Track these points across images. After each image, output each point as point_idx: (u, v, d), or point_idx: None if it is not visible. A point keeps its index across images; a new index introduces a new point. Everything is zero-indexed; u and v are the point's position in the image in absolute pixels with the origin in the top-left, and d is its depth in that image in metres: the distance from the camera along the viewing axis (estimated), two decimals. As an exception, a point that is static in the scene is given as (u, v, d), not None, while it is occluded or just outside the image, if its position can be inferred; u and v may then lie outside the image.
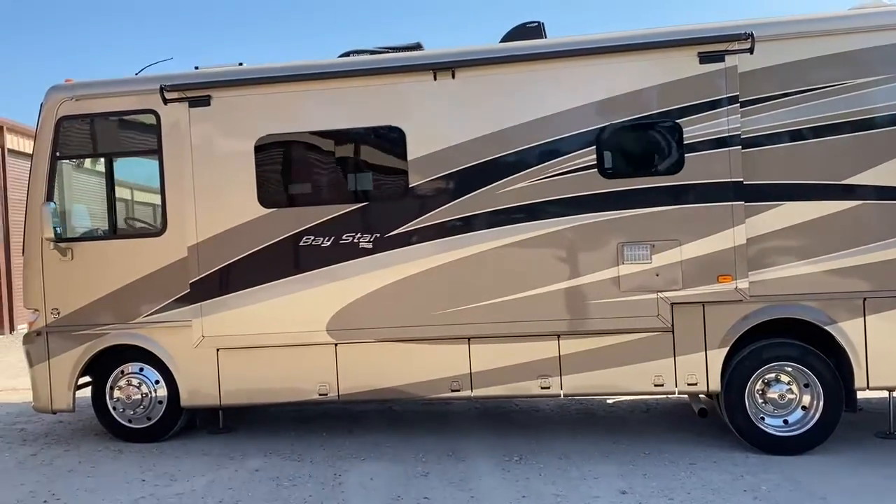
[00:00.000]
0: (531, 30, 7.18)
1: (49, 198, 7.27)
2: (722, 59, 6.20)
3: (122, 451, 7.23)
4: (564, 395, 6.88)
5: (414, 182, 6.67)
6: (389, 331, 6.78)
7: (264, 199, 6.86)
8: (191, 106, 6.86)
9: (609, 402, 8.61)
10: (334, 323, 6.80)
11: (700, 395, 7.25)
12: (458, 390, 6.88)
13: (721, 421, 6.97)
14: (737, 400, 6.51)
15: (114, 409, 7.50)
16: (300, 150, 7.01)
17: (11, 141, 19.49)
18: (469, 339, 6.79)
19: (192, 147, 6.88)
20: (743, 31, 6.13)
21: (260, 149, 6.86)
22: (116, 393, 7.46)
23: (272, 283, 6.82)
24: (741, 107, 6.24)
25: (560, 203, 6.47)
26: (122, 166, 7.57)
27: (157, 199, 7.29)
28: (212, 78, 6.94)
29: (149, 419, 7.48)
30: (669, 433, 7.24)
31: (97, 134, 7.49)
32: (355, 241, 6.72)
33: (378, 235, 6.70)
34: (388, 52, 7.36)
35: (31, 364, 7.52)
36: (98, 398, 7.54)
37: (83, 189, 7.74)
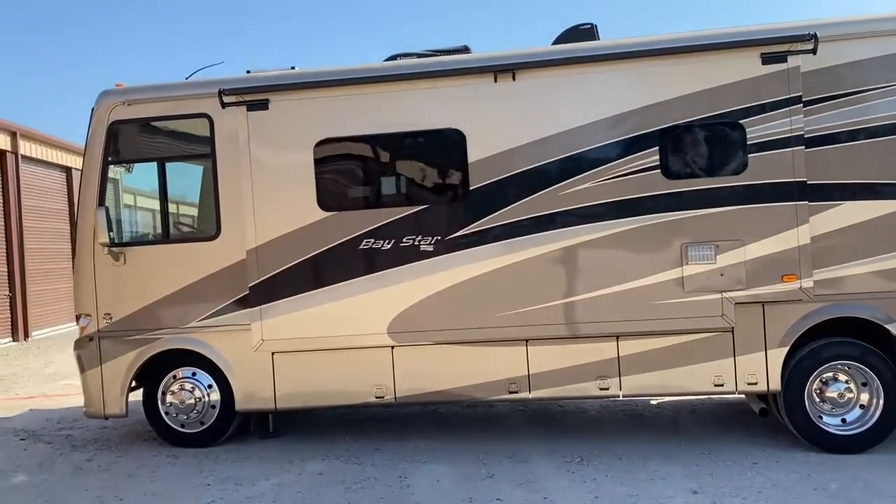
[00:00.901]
0: (584, 32, 7.19)
1: (101, 202, 7.26)
2: (784, 60, 6.23)
3: (177, 457, 7.20)
4: (623, 396, 6.89)
5: (475, 184, 6.66)
6: (450, 333, 6.77)
7: (324, 202, 6.85)
8: (249, 109, 6.84)
9: (653, 402, 8.62)
10: (395, 325, 6.79)
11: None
12: (515, 392, 6.88)
13: (773, 420, 7.00)
14: (796, 399, 6.53)
15: (166, 414, 7.48)
16: (360, 153, 6.99)
17: (25, 147, 19.37)
18: (527, 340, 6.80)
19: (250, 151, 6.87)
20: (806, 32, 6.16)
21: (319, 152, 6.85)
22: (169, 398, 7.44)
23: (332, 287, 6.81)
24: (804, 106, 6.27)
25: (623, 204, 6.47)
26: (175, 170, 7.56)
27: (210, 204, 7.28)
28: (271, 81, 6.92)
29: (202, 424, 7.45)
30: (723, 433, 7.25)
31: (149, 138, 7.49)
32: (416, 243, 6.71)
33: (439, 238, 6.69)
34: (435, 55, 7.37)
35: (82, 369, 7.49)
36: (149, 403, 7.52)
37: (135, 193, 7.70)
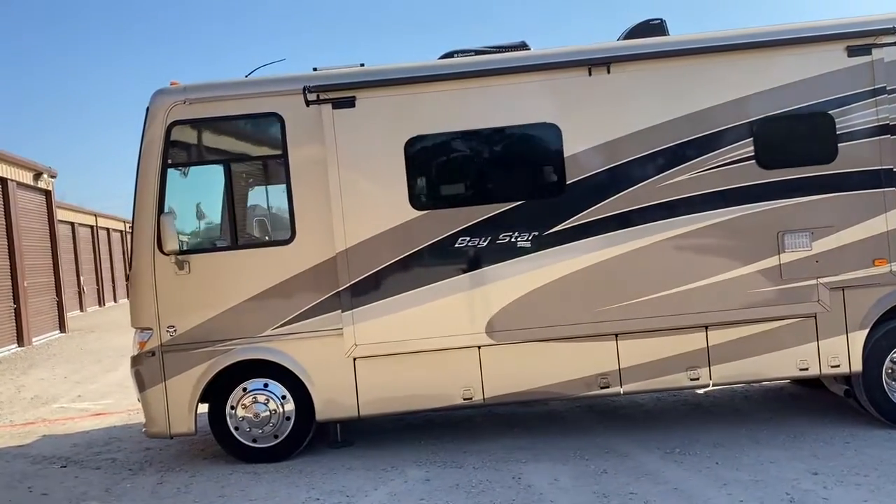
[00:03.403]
0: (654, 27, 7.27)
1: (162, 209, 6.85)
2: (869, 53, 6.48)
3: (257, 473, 6.83)
4: (713, 385, 6.99)
5: (571, 179, 6.63)
6: (544, 330, 6.70)
7: (416, 201, 6.68)
8: (334, 107, 6.59)
9: (701, 392, 8.76)
10: (493, 324, 6.68)
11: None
12: (606, 387, 6.87)
13: (833, 398, 7.41)
14: (874, 378, 6.82)
15: (236, 429, 7.09)
16: (452, 149, 6.85)
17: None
18: (616, 335, 6.80)
19: (336, 150, 6.61)
20: (891, 25, 6.43)
21: (410, 150, 6.67)
22: (240, 412, 7.05)
23: (429, 286, 6.64)
24: (888, 96, 6.52)
25: (719, 195, 6.58)
26: (241, 173, 7.20)
27: (283, 206, 6.97)
28: (357, 78, 6.68)
29: (275, 437, 7.11)
30: (794, 416, 7.51)
31: (212, 139, 7.11)
32: (513, 240, 6.62)
33: (536, 234, 6.62)
34: (494, 51, 7.29)
35: (142, 387, 7.01)
36: (215, 419, 7.12)
37: (199, 198, 7.26)
